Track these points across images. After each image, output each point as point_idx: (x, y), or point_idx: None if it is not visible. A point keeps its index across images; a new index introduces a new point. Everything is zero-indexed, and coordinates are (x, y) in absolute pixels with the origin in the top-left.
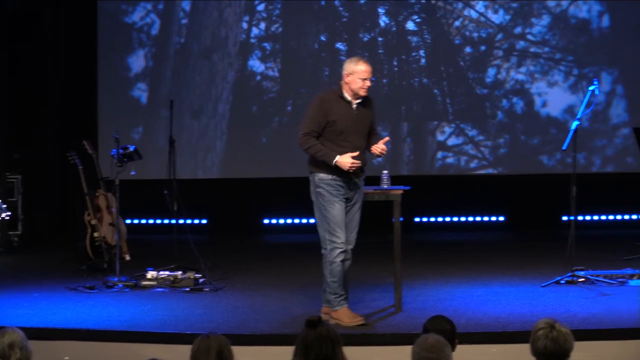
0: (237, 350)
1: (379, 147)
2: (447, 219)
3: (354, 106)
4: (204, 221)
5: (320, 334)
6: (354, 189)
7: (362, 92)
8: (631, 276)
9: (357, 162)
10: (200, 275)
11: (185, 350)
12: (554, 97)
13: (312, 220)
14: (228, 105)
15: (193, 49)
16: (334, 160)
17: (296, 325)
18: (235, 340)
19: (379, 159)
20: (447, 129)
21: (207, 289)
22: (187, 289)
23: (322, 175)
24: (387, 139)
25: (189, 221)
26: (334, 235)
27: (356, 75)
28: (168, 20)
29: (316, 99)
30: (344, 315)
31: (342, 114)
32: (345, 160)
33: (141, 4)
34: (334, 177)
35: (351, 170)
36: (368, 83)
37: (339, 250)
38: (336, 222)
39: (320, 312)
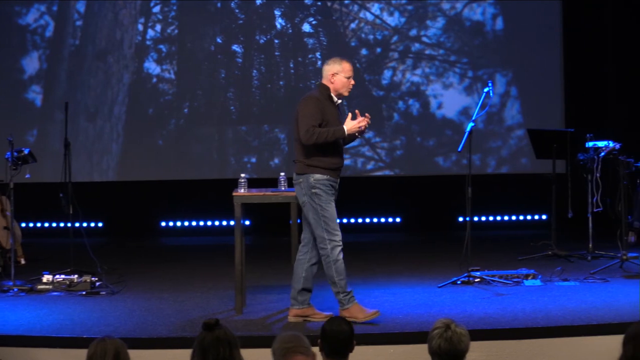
0: (135, 354)
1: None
2: (345, 220)
3: (336, 106)
4: (100, 224)
5: (217, 336)
6: (337, 188)
7: (346, 92)
8: (526, 276)
9: (363, 120)
10: (96, 279)
11: (82, 354)
12: (449, 99)
13: (209, 223)
14: (124, 107)
15: (88, 51)
16: (346, 130)
17: (193, 328)
18: (132, 343)
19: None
20: None
21: (103, 293)
22: (84, 293)
23: (318, 176)
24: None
25: (84, 224)
26: (333, 234)
27: (342, 74)
28: (62, 22)
29: (311, 98)
30: (358, 312)
31: (332, 114)
32: (353, 124)
33: (35, 5)
34: (328, 177)
35: (363, 128)
36: (352, 82)
37: (340, 248)
38: (333, 220)
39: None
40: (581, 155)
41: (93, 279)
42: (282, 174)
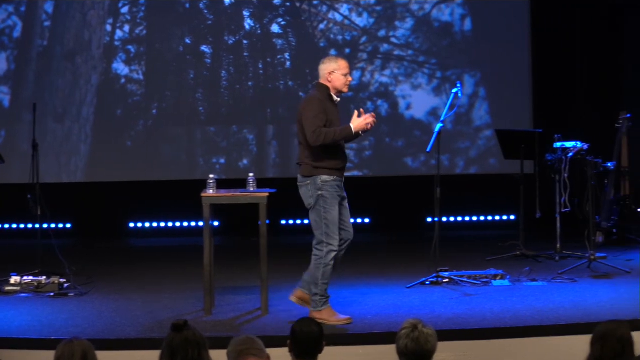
0: (103, 355)
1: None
2: None
3: (335, 104)
4: (68, 225)
5: (186, 337)
6: (342, 187)
7: (345, 89)
8: (494, 276)
9: (369, 116)
10: (64, 280)
11: (50, 356)
12: (417, 100)
13: (178, 224)
14: (92, 108)
15: (56, 51)
16: (353, 128)
17: (162, 329)
18: (101, 345)
19: None
20: None
21: (71, 294)
22: (52, 294)
23: (325, 177)
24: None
25: (53, 225)
26: (332, 238)
27: (339, 71)
28: (30, 23)
29: (313, 99)
30: (329, 315)
31: (334, 114)
32: (359, 122)
33: (3, 6)
34: (335, 177)
35: (370, 125)
36: (350, 78)
37: (334, 254)
38: (334, 225)
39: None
40: (549, 155)
41: (61, 280)
42: (251, 174)
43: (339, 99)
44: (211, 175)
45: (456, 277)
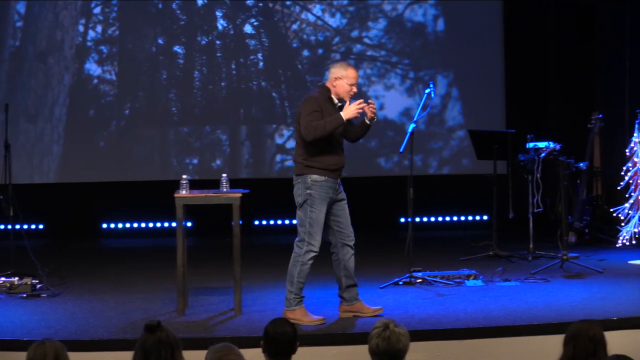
0: (76, 357)
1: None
2: (287, 221)
3: (337, 108)
4: (40, 226)
5: (159, 338)
6: (337, 189)
7: (347, 98)
8: (467, 276)
9: (359, 102)
10: (37, 281)
11: (22, 357)
12: (390, 100)
13: (151, 224)
14: (65, 109)
15: (28, 52)
16: (343, 116)
17: (135, 330)
18: (74, 346)
19: None
20: (286, 132)
21: (44, 295)
22: (24, 295)
23: (315, 177)
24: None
25: (25, 226)
26: (313, 238)
27: (345, 80)
28: (2, 23)
29: (310, 99)
30: (302, 315)
31: (331, 114)
32: (349, 109)
33: None
34: (326, 178)
35: (370, 113)
36: (355, 89)
37: (313, 255)
38: (318, 226)
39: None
40: (522, 156)
41: (34, 281)
42: (224, 175)
43: (340, 104)
44: (184, 176)
45: (429, 277)
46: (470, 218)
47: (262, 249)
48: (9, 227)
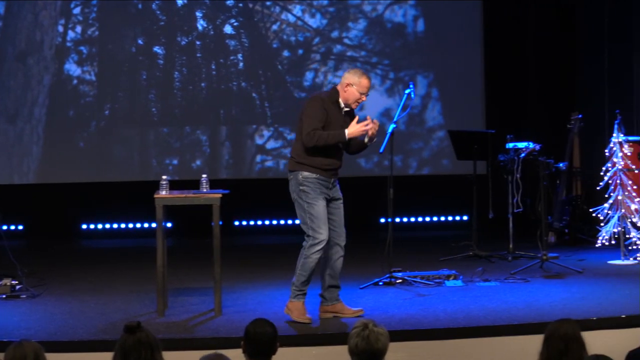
0: (55, 358)
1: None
2: (267, 222)
3: (343, 113)
4: (20, 227)
5: (139, 339)
6: (332, 187)
7: (354, 106)
8: (447, 277)
9: (365, 122)
10: (16, 282)
11: None
12: (370, 101)
13: (130, 225)
14: (44, 109)
15: (7, 52)
16: (346, 135)
17: (115, 331)
18: (53, 347)
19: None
20: (266, 133)
21: (24, 296)
22: (4, 296)
23: (306, 174)
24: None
25: (4, 227)
26: (317, 232)
27: (356, 87)
28: None
29: (315, 99)
30: (295, 309)
31: (335, 118)
32: (356, 128)
33: None
34: (318, 175)
35: (370, 133)
36: (364, 98)
37: (319, 247)
38: (320, 219)
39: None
40: (501, 156)
41: (13, 282)
42: (204, 175)
43: (347, 109)
44: (164, 177)
45: (409, 277)
46: (450, 218)
47: (242, 249)
48: None
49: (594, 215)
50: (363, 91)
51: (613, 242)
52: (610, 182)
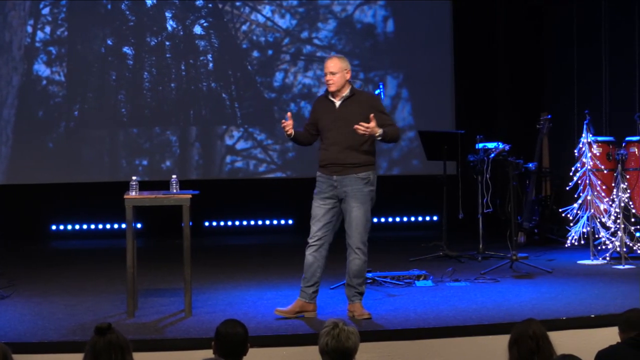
0: (25, 359)
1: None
2: (237, 223)
3: (337, 105)
4: None
5: (109, 340)
6: (337, 186)
7: (329, 87)
8: (417, 277)
9: (284, 123)
10: None
11: None
12: None
13: (100, 226)
14: (13, 110)
15: None
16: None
17: (85, 332)
18: (22, 348)
19: None
20: (236, 133)
21: None
22: None
23: (317, 172)
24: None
25: None
26: (311, 230)
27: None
28: None
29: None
30: (292, 305)
31: (323, 113)
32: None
33: None
34: (319, 173)
35: (366, 132)
36: (327, 77)
37: (309, 245)
38: (313, 217)
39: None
40: (471, 156)
41: None
42: (174, 176)
43: (344, 98)
44: (134, 177)
45: (379, 277)
46: (420, 219)
47: (212, 250)
48: None
49: (563, 215)
50: (324, 71)
51: (582, 242)
52: (579, 182)
